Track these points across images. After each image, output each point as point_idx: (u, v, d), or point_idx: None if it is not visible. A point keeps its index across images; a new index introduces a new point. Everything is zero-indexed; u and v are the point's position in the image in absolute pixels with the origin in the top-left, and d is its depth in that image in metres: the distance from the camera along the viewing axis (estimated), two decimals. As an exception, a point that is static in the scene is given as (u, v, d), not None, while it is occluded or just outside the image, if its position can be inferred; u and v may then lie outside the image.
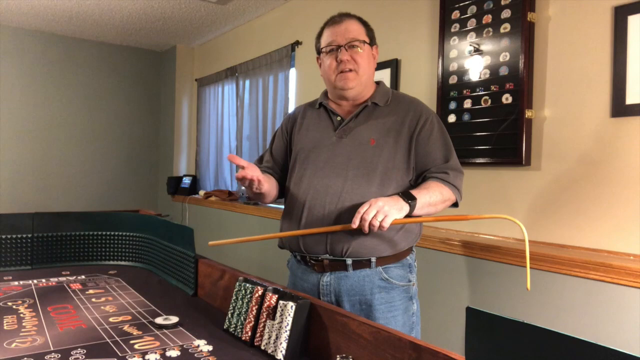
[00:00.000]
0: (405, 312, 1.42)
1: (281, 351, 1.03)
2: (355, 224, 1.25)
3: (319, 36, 1.51)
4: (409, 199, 1.31)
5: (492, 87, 2.08)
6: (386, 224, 1.23)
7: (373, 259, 1.38)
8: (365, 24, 1.49)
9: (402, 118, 1.44)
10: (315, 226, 1.39)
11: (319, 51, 1.51)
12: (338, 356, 0.95)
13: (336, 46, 1.43)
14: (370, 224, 1.23)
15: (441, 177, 1.39)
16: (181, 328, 1.23)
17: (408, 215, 1.32)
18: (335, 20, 1.47)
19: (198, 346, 1.11)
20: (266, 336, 1.09)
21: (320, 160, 1.45)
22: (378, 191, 1.37)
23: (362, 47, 1.44)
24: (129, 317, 1.32)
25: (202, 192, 4.51)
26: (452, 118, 2.24)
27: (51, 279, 1.74)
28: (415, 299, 1.47)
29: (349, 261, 1.38)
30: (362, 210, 1.25)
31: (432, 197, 1.35)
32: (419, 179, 1.43)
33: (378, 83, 1.54)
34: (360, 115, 1.46)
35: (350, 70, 1.43)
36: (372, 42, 1.49)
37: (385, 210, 1.24)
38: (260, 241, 3.56)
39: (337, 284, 1.40)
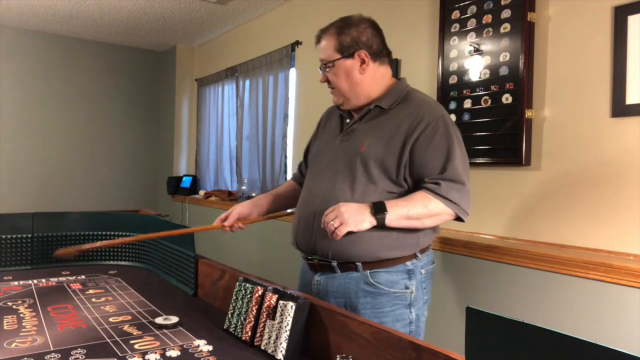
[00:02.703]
0: (397, 320, 1.35)
1: (281, 351, 1.03)
2: (322, 224, 1.28)
3: None
4: (379, 211, 1.26)
5: (492, 87, 2.08)
6: (340, 233, 1.23)
7: (358, 263, 1.35)
8: (339, 34, 1.40)
9: (400, 122, 1.36)
10: (305, 227, 1.42)
11: None
12: (338, 356, 0.95)
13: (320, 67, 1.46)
14: (328, 228, 1.25)
15: (430, 189, 1.30)
16: (181, 328, 1.23)
17: (381, 227, 1.27)
18: (316, 39, 1.48)
19: (198, 346, 1.11)
20: (266, 336, 1.09)
21: (322, 164, 1.47)
22: (360, 198, 1.33)
23: (332, 66, 1.41)
24: (129, 317, 1.32)
25: (202, 192, 4.51)
26: (452, 118, 2.24)
27: (51, 279, 1.74)
28: (414, 308, 1.38)
29: (335, 263, 1.37)
30: (326, 212, 1.27)
31: (411, 209, 1.28)
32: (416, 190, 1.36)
33: (399, 79, 1.48)
34: (364, 119, 1.43)
35: (333, 89, 1.45)
36: (346, 52, 1.39)
37: (344, 218, 1.23)
38: (260, 241, 3.57)
39: (326, 285, 1.41)
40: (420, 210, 1.28)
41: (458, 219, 1.35)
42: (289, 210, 1.58)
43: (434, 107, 1.39)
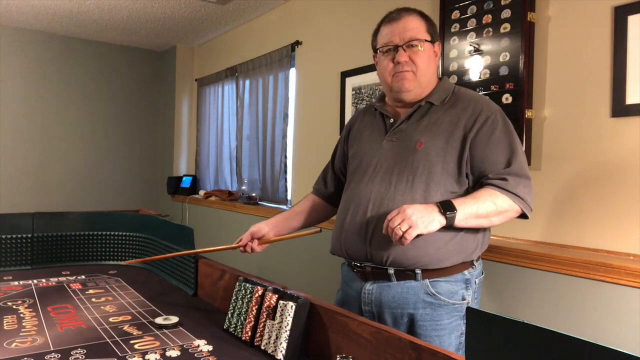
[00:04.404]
0: (453, 332, 1.30)
1: (281, 351, 1.03)
2: (384, 230, 1.20)
3: (376, 34, 1.43)
4: (448, 210, 1.19)
5: (492, 87, 2.08)
6: (409, 237, 1.14)
7: (418, 271, 1.28)
8: (426, 18, 1.39)
9: (457, 118, 1.31)
10: (355, 232, 1.34)
11: (375, 49, 1.44)
12: (338, 356, 0.95)
13: (393, 46, 1.35)
14: (394, 233, 1.16)
15: (497, 184, 1.25)
16: (181, 328, 1.23)
17: (448, 228, 1.21)
18: (392, 17, 1.38)
19: (198, 346, 1.11)
20: (266, 336, 1.09)
21: (370, 166, 1.39)
22: (422, 198, 1.27)
23: (422, 46, 1.33)
24: (129, 317, 1.32)
25: (202, 192, 4.51)
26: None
27: (51, 279, 1.74)
28: None
29: (391, 270, 1.29)
30: (389, 217, 1.19)
31: (481, 207, 1.22)
32: (477, 186, 1.30)
33: (441, 79, 1.44)
34: (413, 117, 1.37)
35: (408, 72, 1.34)
36: (433, 38, 1.38)
37: (412, 221, 1.15)
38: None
39: (379, 294, 1.32)
40: (489, 207, 1.23)
41: (522, 216, 1.30)
42: (312, 228, 1.47)
43: (489, 101, 1.37)
